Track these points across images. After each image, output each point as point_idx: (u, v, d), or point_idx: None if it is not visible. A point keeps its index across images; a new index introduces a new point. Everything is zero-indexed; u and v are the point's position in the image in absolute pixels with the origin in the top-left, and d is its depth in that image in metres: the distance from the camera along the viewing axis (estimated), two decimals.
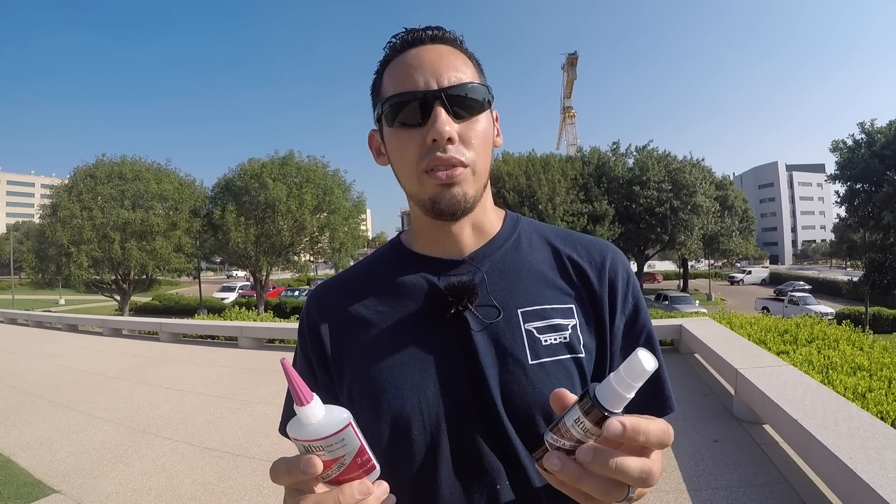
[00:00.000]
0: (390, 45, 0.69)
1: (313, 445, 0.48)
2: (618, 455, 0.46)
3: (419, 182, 0.66)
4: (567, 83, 63.59)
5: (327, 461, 0.48)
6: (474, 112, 0.66)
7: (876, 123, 24.45)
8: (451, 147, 0.63)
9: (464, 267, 0.71)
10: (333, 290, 0.77)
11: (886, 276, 23.02)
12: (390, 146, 0.69)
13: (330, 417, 0.49)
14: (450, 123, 0.63)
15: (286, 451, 2.31)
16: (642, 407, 0.71)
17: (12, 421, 4.81)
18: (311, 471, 0.47)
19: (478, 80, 0.68)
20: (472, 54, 0.71)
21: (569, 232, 0.79)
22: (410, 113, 0.64)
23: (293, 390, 0.49)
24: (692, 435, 3.57)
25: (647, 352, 0.46)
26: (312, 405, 0.49)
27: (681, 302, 26.38)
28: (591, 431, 0.46)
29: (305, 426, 0.49)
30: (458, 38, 0.70)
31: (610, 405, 0.46)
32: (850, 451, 2.21)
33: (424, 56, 0.66)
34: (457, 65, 0.66)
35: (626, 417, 0.46)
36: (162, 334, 9.41)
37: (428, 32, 0.68)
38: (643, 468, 0.46)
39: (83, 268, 23.50)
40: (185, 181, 27.29)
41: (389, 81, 0.67)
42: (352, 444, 0.49)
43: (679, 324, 6.05)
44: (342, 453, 0.49)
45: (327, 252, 28.19)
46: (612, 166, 31.85)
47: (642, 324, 0.73)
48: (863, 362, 4.69)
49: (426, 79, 0.64)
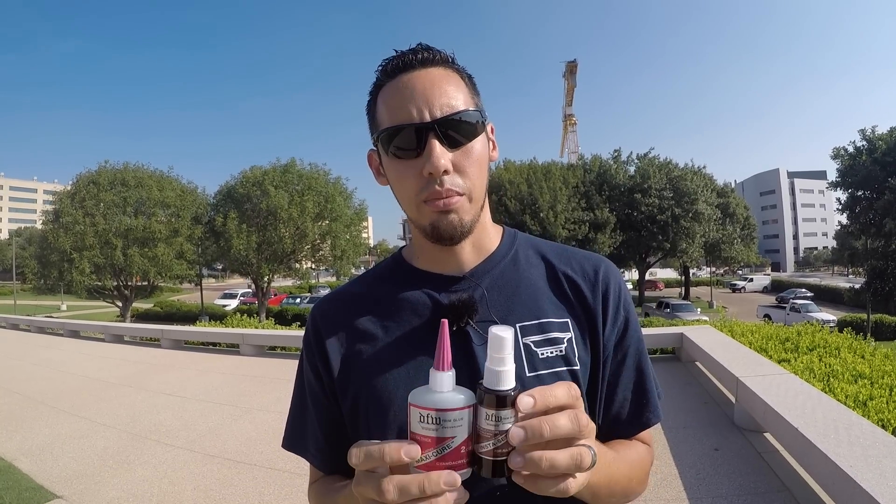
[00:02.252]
0: (381, 68, 0.70)
1: (436, 416, 0.48)
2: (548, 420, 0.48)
3: (418, 210, 0.68)
4: (568, 91, 63.99)
5: (429, 442, 0.48)
6: (469, 138, 0.67)
7: (877, 130, 24.38)
8: (447, 178, 0.65)
9: (464, 283, 0.73)
10: (338, 303, 0.79)
11: (888, 283, 22.94)
12: (389, 174, 0.71)
13: (460, 393, 0.49)
14: (444, 156, 0.64)
15: (288, 459, 2.34)
16: (628, 417, 0.74)
17: (14, 426, 4.82)
18: (413, 455, 0.47)
19: (471, 103, 0.69)
20: (464, 72, 0.72)
21: (564, 247, 0.81)
22: (406, 142, 0.66)
23: (439, 353, 0.50)
24: (693, 443, 3.57)
25: (501, 326, 0.51)
26: (450, 375, 0.50)
27: (682, 310, 26.35)
28: (504, 416, 0.48)
29: (435, 394, 0.49)
30: (450, 56, 0.70)
31: (500, 385, 0.49)
32: (850, 459, 2.21)
33: (416, 84, 0.66)
34: (448, 91, 0.67)
35: (533, 390, 0.49)
36: (163, 341, 9.42)
37: (418, 56, 0.68)
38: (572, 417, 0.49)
39: (85, 274, 23.58)
40: (188, 188, 27.40)
41: (384, 109, 0.69)
42: (465, 427, 0.49)
43: (680, 332, 6.05)
44: (453, 434, 0.48)
45: (329, 259, 28.21)
46: (614, 174, 31.91)
47: (632, 336, 0.76)
48: (864, 370, 4.68)
49: (419, 108, 0.65)
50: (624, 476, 0.66)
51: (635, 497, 0.71)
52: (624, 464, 0.67)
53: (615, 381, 0.74)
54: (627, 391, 0.74)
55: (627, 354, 0.75)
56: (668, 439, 3.64)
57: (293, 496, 3.16)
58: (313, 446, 0.77)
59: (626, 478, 0.67)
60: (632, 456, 0.70)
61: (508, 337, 0.50)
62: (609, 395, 0.74)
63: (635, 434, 0.74)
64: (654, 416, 0.75)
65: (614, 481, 0.63)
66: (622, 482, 0.65)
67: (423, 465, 0.48)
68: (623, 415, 0.73)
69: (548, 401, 0.49)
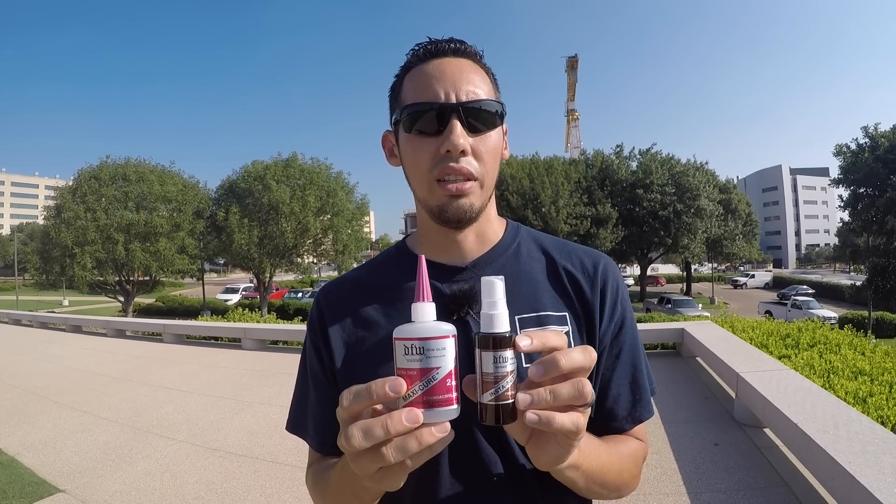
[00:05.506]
0: (413, 52, 0.73)
1: (420, 345, 0.48)
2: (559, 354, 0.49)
3: (429, 189, 0.69)
4: (569, 86, 63.72)
5: (415, 374, 0.48)
6: (488, 127, 0.69)
7: (880, 127, 24.31)
8: (464, 159, 0.67)
9: (466, 273, 0.74)
10: (343, 290, 0.81)
11: (890, 280, 22.91)
12: (405, 151, 0.72)
13: (443, 324, 0.51)
14: (464, 136, 0.66)
15: (290, 452, 2.36)
16: (622, 412, 0.74)
17: (17, 421, 4.85)
18: (398, 388, 0.47)
19: (493, 96, 0.71)
20: (489, 69, 0.75)
21: (565, 242, 0.83)
22: (428, 122, 0.68)
23: (418, 285, 0.52)
24: (693, 438, 3.58)
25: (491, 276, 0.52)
26: (429, 306, 0.51)
27: (683, 305, 26.36)
28: (503, 358, 0.49)
29: (414, 324, 0.50)
30: (479, 52, 0.73)
31: (495, 327, 0.50)
32: (849, 455, 2.22)
33: (446, 68, 0.69)
34: (475, 80, 0.69)
35: (531, 331, 0.51)
36: (165, 335, 9.45)
37: (451, 45, 0.71)
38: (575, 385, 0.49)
39: (87, 269, 23.63)
40: (189, 183, 27.39)
41: (410, 88, 0.70)
42: (449, 358, 0.49)
43: (681, 327, 6.06)
44: (438, 364, 0.48)
45: (330, 254, 28.25)
46: (616, 169, 31.84)
47: (628, 332, 0.77)
48: (864, 367, 4.68)
49: (446, 90, 0.67)
50: (616, 466, 0.67)
51: (629, 491, 0.72)
52: (615, 455, 0.68)
53: (610, 375, 0.75)
54: (622, 386, 0.75)
55: (623, 350, 0.75)
56: (668, 434, 3.65)
57: (295, 489, 3.17)
58: (312, 428, 0.78)
59: (619, 469, 0.67)
60: (623, 450, 0.71)
61: (499, 282, 0.51)
62: (603, 390, 0.74)
63: (629, 429, 0.75)
64: (647, 411, 0.76)
65: (606, 469, 0.64)
66: (614, 471, 0.66)
67: (409, 403, 0.48)
68: (617, 409, 0.74)
69: (546, 343, 0.50)
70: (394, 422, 0.46)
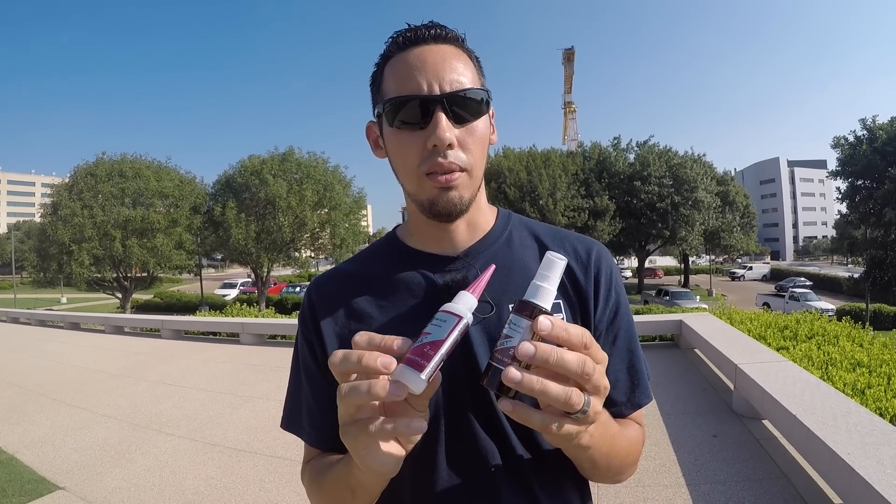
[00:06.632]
0: (392, 40, 0.70)
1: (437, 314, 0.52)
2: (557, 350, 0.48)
3: (419, 184, 0.68)
4: (566, 78, 63.61)
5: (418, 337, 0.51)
6: (474, 116, 0.67)
7: (878, 120, 24.34)
8: (451, 152, 0.65)
9: (458, 263, 0.74)
10: (334, 282, 0.79)
11: (887, 272, 23.00)
12: (390, 145, 0.70)
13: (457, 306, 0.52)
14: (450, 129, 0.64)
15: (288, 447, 2.36)
16: (621, 398, 0.74)
17: (16, 419, 4.85)
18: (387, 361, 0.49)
19: (478, 82, 0.69)
20: (472, 53, 0.72)
21: (557, 229, 0.82)
22: (411, 114, 0.65)
23: (476, 282, 0.55)
24: (691, 430, 3.59)
25: (555, 253, 0.53)
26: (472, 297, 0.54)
27: (681, 297, 26.47)
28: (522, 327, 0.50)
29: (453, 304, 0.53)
30: (461, 36, 0.71)
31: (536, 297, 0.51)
32: (848, 446, 2.22)
33: (427, 57, 0.66)
34: (458, 67, 0.67)
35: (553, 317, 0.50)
36: (164, 331, 9.46)
37: (431, 31, 0.68)
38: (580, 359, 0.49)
39: (84, 266, 23.60)
40: (186, 178, 27.32)
41: (391, 79, 0.68)
42: (443, 330, 0.50)
43: (679, 319, 6.05)
44: (430, 331, 0.50)
45: (328, 248, 28.25)
46: (613, 161, 31.81)
47: (623, 318, 0.76)
48: (862, 359, 4.70)
49: (429, 81, 0.65)
50: (623, 450, 0.66)
51: (627, 476, 0.71)
52: (625, 439, 0.67)
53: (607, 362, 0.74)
54: (619, 372, 0.74)
55: (618, 336, 0.75)
56: (667, 425, 3.66)
57: (294, 483, 3.18)
58: (308, 423, 0.76)
59: (625, 452, 0.67)
60: (631, 434, 0.71)
61: (561, 263, 0.53)
62: None
63: (628, 414, 0.75)
64: (646, 396, 0.76)
65: (614, 454, 0.64)
66: (620, 455, 0.66)
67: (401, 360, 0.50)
68: (615, 395, 0.73)
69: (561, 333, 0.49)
70: (368, 357, 0.49)
